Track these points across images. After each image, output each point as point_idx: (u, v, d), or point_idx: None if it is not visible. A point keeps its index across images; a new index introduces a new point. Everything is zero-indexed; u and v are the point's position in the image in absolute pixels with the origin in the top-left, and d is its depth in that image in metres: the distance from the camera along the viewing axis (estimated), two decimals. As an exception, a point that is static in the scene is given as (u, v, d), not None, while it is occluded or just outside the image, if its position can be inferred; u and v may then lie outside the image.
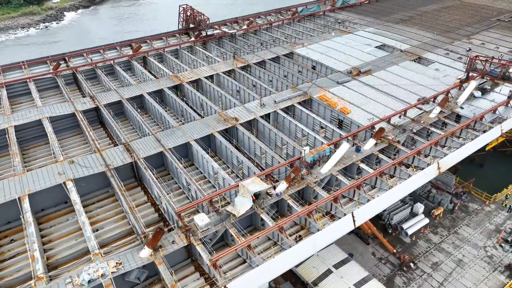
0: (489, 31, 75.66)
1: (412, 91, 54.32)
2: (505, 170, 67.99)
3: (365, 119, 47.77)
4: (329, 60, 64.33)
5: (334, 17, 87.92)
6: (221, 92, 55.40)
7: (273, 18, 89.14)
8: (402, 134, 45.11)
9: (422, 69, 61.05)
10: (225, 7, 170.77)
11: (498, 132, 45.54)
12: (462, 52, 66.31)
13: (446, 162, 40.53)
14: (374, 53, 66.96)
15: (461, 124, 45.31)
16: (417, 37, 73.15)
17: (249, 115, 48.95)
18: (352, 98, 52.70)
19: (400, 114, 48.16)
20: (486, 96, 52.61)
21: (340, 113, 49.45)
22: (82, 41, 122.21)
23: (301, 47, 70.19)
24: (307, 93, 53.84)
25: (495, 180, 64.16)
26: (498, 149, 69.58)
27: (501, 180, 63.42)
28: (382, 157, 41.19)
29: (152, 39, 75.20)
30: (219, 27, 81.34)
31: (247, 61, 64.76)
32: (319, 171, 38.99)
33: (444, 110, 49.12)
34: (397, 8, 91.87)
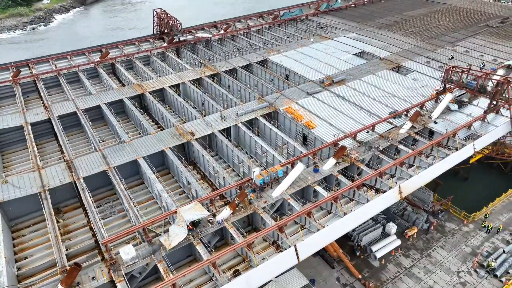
0: (475, 37, 72.24)
1: (385, 103, 51.11)
2: (490, 184, 64.67)
3: (330, 134, 44.60)
4: (302, 68, 61.19)
5: (316, 22, 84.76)
6: (183, 103, 52.40)
7: (254, 22, 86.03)
8: (367, 152, 41.92)
9: (399, 79, 57.78)
10: (226, 6, 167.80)
11: (470, 151, 42.24)
12: (444, 61, 62.99)
13: (409, 185, 37.33)
14: (351, 61, 63.74)
15: (430, 142, 42.10)
16: (399, 44, 69.87)
17: (207, 129, 45.92)
18: (320, 110, 49.56)
19: (368, 130, 44.97)
20: (463, 109, 49.31)
21: (305, 128, 46.31)
22: (66, 44, 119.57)
23: (276, 54, 67.10)
24: (273, 105, 50.74)
25: (478, 196, 60.89)
26: (484, 161, 66.40)
27: (484, 196, 60.10)
28: (342, 179, 37.98)
29: (123, 44, 72.30)
30: (196, 31, 78.47)
31: (217, 69, 61.70)
32: (271, 194, 35.90)
33: (416, 125, 45.86)
34: (383, 12, 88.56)
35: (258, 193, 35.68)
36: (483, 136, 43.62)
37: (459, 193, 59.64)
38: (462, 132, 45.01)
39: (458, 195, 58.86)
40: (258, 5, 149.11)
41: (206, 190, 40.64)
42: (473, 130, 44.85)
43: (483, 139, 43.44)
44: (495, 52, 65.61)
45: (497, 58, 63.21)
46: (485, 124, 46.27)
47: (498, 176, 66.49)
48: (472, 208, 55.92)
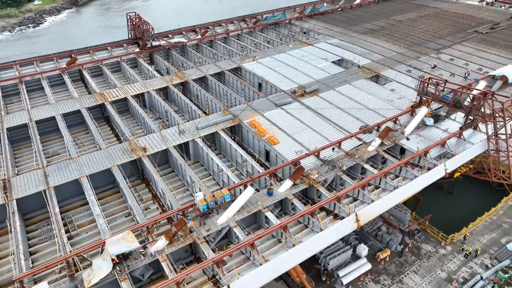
0: (462, 44, 68.73)
1: (357, 116, 47.86)
2: (475, 200, 60.98)
3: (293, 152, 41.41)
4: (275, 77, 58.02)
5: (299, 26, 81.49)
6: (143, 115, 49.41)
7: (236, 27, 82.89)
8: (330, 172, 38.70)
9: (376, 89, 54.44)
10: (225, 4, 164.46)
11: (441, 172, 38.88)
12: (427, 69, 59.60)
13: (367, 212, 34.08)
14: (328, 69, 60.46)
15: (397, 162, 38.76)
16: (381, 51, 66.51)
17: (162, 144, 42.86)
18: (286, 124, 46.40)
19: (334, 146, 41.74)
20: (439, 124, 45.96)
21: (267, 144, 43.12)
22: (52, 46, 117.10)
23: (251, 61, 63.95)
24: (238, 117, 47.62)
25: (461, 212, 57.30)
26: (472, 175, 62.88)
27: (469, 212, 56.41)
28: (296, 204, 34.79)
29: (95, 50, 69.42)
30: (172, 36, 75.52)
31: (186, 77, 58.65)
32: (216, 221, 32.79)
33: (386, 142, 42.57)
34: (370, 17, 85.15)
35: (202, 220, 32.56)
36: (456, 155, 40.21)
37: (441, 210, 56.17)
38: (436, 149, 41.68)
39: (440, 212, 55.37)
40: (253, 3, 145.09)
41: (153, 213, 37.65)
42: (447, 148, 41.46)
43: (457, 158, 40.08)
44: (482, 60, 62.10)
45: (482, 67, 59.72)
46: (461, 141, 42.89)
47: (485, 192, 62.80)
48: (453, 227, 52.39)
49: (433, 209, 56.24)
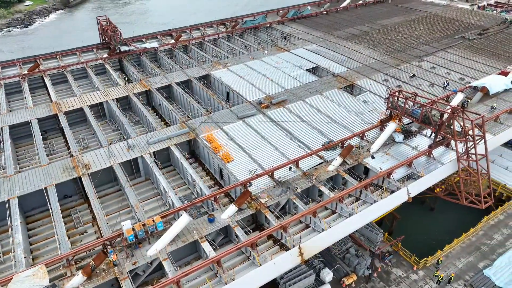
0: (447, 51, 65.10)
1: (322, 131, 44.53)
2: (458, 217, 57.35)
3: (246, 171, 38.17)
4: (243, 86, 54.76)
5: (280, 31, 78.12)
6: (95, 128, 46.33)
7: (215, 30, 79.68)
8: (283, 195, 35.42)
9: (347, 100, 51.02)
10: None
11: (403, 197, 35.44)
12: (405, 79, 56.12)
13: (313, 245, 30.73)
14: (301, 77, 57.12)
15: (354, 186, 35.30)
16: (360, 58, 63.03)
17: (107, 161, 39.74)
18: (244, 139, 43.16)
19: (291, 165, 38.43)
20: (410, 140, 42.52)
21: (221, 161, 39.89)
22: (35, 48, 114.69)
23: (222, 68, 60.70)
24: (195, 131, 44.43)
25: (441, 231, 53.83)
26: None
27: (449, 231, 52.95)
28: (239, 232, 31.52)
29: (62, 55, 66.48)
30: (146, 40, 72.48)
31: (149, 85, 55.53)
32: (147, 252, 29.62)
33: (349, 161, 39.20)
34: (355, 21, 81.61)
35: (129, 252, 29.39)
36: (422, 177, 36.75)
37: (420, 228, 52.82)
38: (403, 169, 38.24)
39: (418, 230, 52.11)
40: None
41: (90, 237, 34.53)
42: (413, 168, 38.01)
43: (422, 181, 36.61)
44: (465, 69, 58.50)
45: (465, 76, 56.14)
46: (430, 160, 39.43)
47: (468, 208, 59.34)
48: (430, 249, 48.92)
49: (411, 228, 52.98)
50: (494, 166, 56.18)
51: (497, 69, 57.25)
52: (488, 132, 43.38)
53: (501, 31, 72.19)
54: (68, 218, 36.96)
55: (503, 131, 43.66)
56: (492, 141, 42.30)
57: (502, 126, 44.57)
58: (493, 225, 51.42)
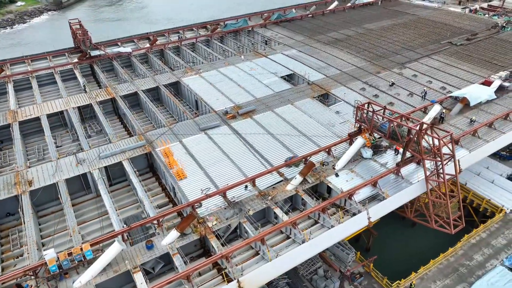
0: (431, 57, 62.06)
1: (288, 145, 41.73)
2: (438, 234, 53.94)
3: (199, 189, 35.44)
4: (213, 95, 52.07)
5: (261, 35, 75.32)
6: (47, 140, 43.78)
7: (195, 34, 77.02)
8: (235, 218, 32.66)
9: (319, 111, 48.16)
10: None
11: (363, 221, 32.56)
12: (383, 87, 53.19)
13: (255, 279, 27.90)
14: (274, 85, 54.31)
15: (313, 207, 32.42)
16: (339, 64, 60.13)
17: (51, 177, 37.13)
18: (203, 153, 40.46)
19: (248, 184, 35.66)
20: (379, 157, 39.62)
21: (173, 178, 37.19)
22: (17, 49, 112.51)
23: (193, 74, 58.02)
24: (151, 144, 41.76)
25: (421, 249, 50.71)
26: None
27: (429, 248, 49.84)
28: (176, 261, 28.79)
29: (31, 59, 64.08)
30: (121, 44, 69.96)
31: (115, 93, 52.95)
32: (72, 284, 26.96)
33: (310, 179, 36.36)
34: (340, 24, 78.67)
35: (52, 284, 26.75)
36: (387, 198, 33.85)
37: (398, 246, 49.80)
38: (368, 189, 35.34)
39: (396, 249, 49.08)
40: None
41: (22, 263, 31.91)
42: (378, 188, 35.10)
43: (385, 203, 33.71)
44: (448, 77, 55.48)
45: (447, 85, 53.14)
46: (398, 179, 36.51)
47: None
48: (406, 269, 45.92)
49: (390, 245, 50.04)
50: (479, 179, 53.21)
51: (482, 78, 54.22)
52: (464, 148, 40.51)
53: (490, 37, 69.05)
54: (6, 239, 34.43)
55: (480, 147, 40.64)
56: (467, 158, 39.36)
57: (480, 142, 41.56)
58: (474, 244, 48.26)
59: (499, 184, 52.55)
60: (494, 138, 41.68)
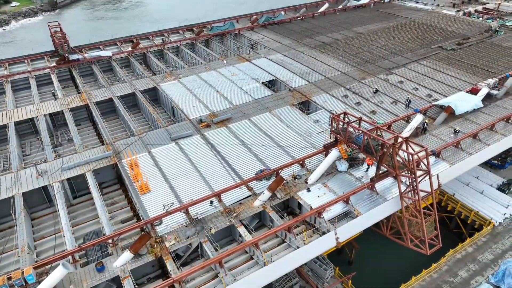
0: (420, 62, 59.94)
1: (261, 156, 39.78)
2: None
3: (161, 205, 33.51)
4: (190, 101, 50.24)
5: (248, 38, 73.39)
6: (10, 149, 41.98)
7: (181, 37, 75.18)
8: (196, 236, 30.74)
9: (298, 119, 46.18)
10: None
11: (331, 242, 30.56)
12: (367, 94, 51.16)
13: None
14: (254, 92, 52.38)
15: (273, 230, 30.45)
16: (324, 70, 58.13)
17: (8, 190, 35.34)
18: (171, 165, 38.60)
19: (213, 199, 33.74)
20: (355, 170, 37.60)
21: (135, 193, 35.31)
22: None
23: (173, 79, 56.16)
24: (118, 155, 39.91)
25: (408, 262, 48.62)
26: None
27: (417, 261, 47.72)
28: (127, 285, 26.88)
29: (9, 63, 62.38)
30: (103, 47, 68.18)
31: (88, 99, 51.14)
32: (11, 311, 25.12)
33: (280, 195, 34.40)
34: (330, 28, 76.61)
35: (-11, 311, 24.93)
36: (358, 217, 31.83)
37: (383, 259, 47.79)
38: (340, 206, 33.35)
39: (380, 262, 47.12)
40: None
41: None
42: (351, 205, 33.09)
43: (356, 222, 31.67)
44: (435, 84, 53.39)
45: (433, 93, 51.06)
46: (373, 195, 34.47)
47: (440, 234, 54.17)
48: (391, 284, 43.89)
49: (374, 258, 48.11)
50: (469, 190, 51.20)
51: (471, 85, 52.08)
52: (445, 161, 38.44)
53: (483, 41, 66.85)
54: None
55: (463, 160, 38.55)
56: (448, 172, 37.29)
57: (463, 154, 39.47)
58: (459, 260, 46.12)
59: (489, 195, 50.52)
60: (478, 151, 39.56)
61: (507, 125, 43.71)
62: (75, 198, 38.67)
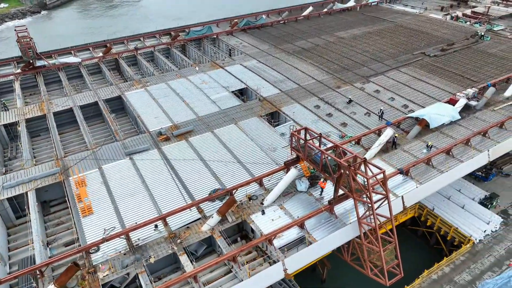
0: (400, 70, 57.33)
1: (219, 173, 37.22)
2: (407, 260, 49.28)
3: (101, 230, 30.99)
4: (153, 112, 47.74)
5: (225, 43, 70.83)
6: (-46, 164, 39.52)
7: (158, 41, 72.67)
8: (134, 266, 28.20)
9: (264, 132, 43.61)
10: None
11: (278, 274, 27.96)
12: (340, 105, 48.58)
13: None
14: (222, 101, 49.83)
15: (214, 260, 27.87)
16: (299, 78, 55.56)
17: None
18: (120, 184, 36.10)
19: (157, 223, 31.18)
20: (316, 190, 35.00)
21: (76, 215, 32.78)
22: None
23: (139, 88, 53.63)
24: (66, 172, 37.38)
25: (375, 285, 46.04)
26: (408, 226, 51.89)
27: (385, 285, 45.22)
28: (47, 325, 24.39)
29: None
30: (74, 53, 65.75)
31: (47, 109, 48.65)
32: None
33: (231, 218, 31.84)
34: (311, 32, 74.03)
35: None
36: (312, 244, 29.22)
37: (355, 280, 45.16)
38: (295, 231, 30.77)
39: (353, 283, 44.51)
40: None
41: None
42: (305, 230, 30.50)
43: (311, 250, 29.06)
44: (413, 93, 50.78)
45: (409, 103, 48.47)
46: (331, 218, 31.88)
47: (419, 250, 51.51)
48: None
49: (347, 278, 45.36)
50: (449, 204, 48.59)
51: (450, 94, 49.40)
52: (413, 180, 35.83)
53: (468, 47, 64.20)
54: None
55: (433, 179, 35.92)
56: (415, 193, 34.67)
57: (433, 172, 36.85)
58: (435, 281, 43.49)
59: (470, 210, 47.95)
60: (449, 169, 36.93)
61: (484, 139, 41.06)
62: (19, 218, 36.18)
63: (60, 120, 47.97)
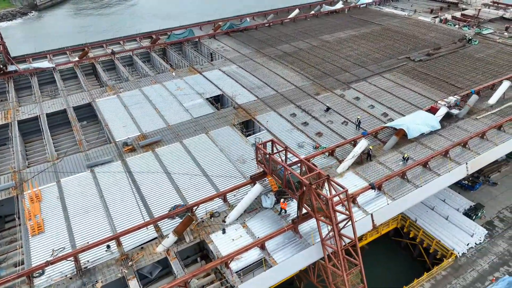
0: (383, 75, 55.39)
1: (182, 188, 35.28)
2: (388, 272, 47.42)
3: (50, 251, 29.04)
4: (122, 120, 45.81)
5: (207, 47, 68.88)
6: None
7: (138, 45, 70.71)
8: (78, 291, 26.24)
9: (235, 142, 41.66)
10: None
11: (233, 302, 26.03)
12: (317, 113, 46.66)
13: None
14: (195, 109, 47.88)
15: (171, 283, 25.86)
16: (278, 84, 53.62)
17: None
18: (76, 199, 34.15)
19: (110, 243, 29.20)
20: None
21: (25, 235, 30.79)
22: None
23: (112, 95, 51.67)
24: (21, 186, 35.39)
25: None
26: (392, 237, 49.89)
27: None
28: None
29: None
30: (50, 58, 63.81)
31: (12, 117, 46.69)
32: None
33: (188, 237, 29.88)
34: (296, 35, 72.08)
35: None
36: (271, 268, 27.24)
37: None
38: (255, 252, 28.79)
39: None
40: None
41: None
42: (266, 252, 28.54)
43: (270, 274, 27.07)
44: (394, 101, 48.84)
45: (389, 111, 46.54)
46: (295, 239, 29.91)
47: (402, 263, 49.51)
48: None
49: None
50: (432, 215, 46.57)
51: (433, 102, 47.47)
52: (386, 195, 33.87)
53: (454, 51, 62.28)
54: None
55: (407, 194, 33.98)
56: (386, 210, 32.71)
57: (408, 186, 34.90)
58: (414, 298, 41.54)
59: (454, 221, 45.92)
60: (424, 183, 34.99)
61: (464, 151, 39.14)
62: (-30, 235, 34.21)
63: (25, 129, 46.07)
